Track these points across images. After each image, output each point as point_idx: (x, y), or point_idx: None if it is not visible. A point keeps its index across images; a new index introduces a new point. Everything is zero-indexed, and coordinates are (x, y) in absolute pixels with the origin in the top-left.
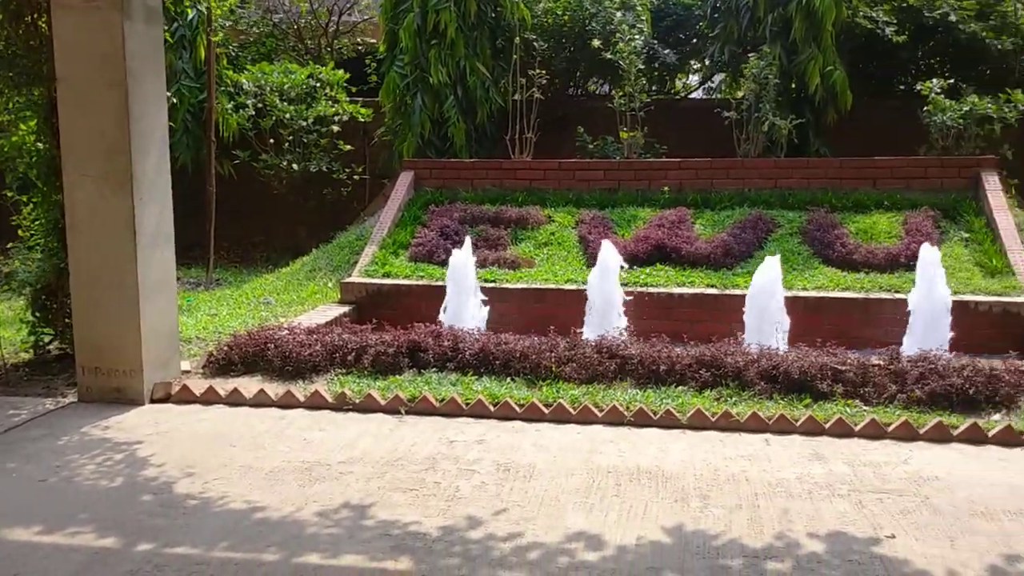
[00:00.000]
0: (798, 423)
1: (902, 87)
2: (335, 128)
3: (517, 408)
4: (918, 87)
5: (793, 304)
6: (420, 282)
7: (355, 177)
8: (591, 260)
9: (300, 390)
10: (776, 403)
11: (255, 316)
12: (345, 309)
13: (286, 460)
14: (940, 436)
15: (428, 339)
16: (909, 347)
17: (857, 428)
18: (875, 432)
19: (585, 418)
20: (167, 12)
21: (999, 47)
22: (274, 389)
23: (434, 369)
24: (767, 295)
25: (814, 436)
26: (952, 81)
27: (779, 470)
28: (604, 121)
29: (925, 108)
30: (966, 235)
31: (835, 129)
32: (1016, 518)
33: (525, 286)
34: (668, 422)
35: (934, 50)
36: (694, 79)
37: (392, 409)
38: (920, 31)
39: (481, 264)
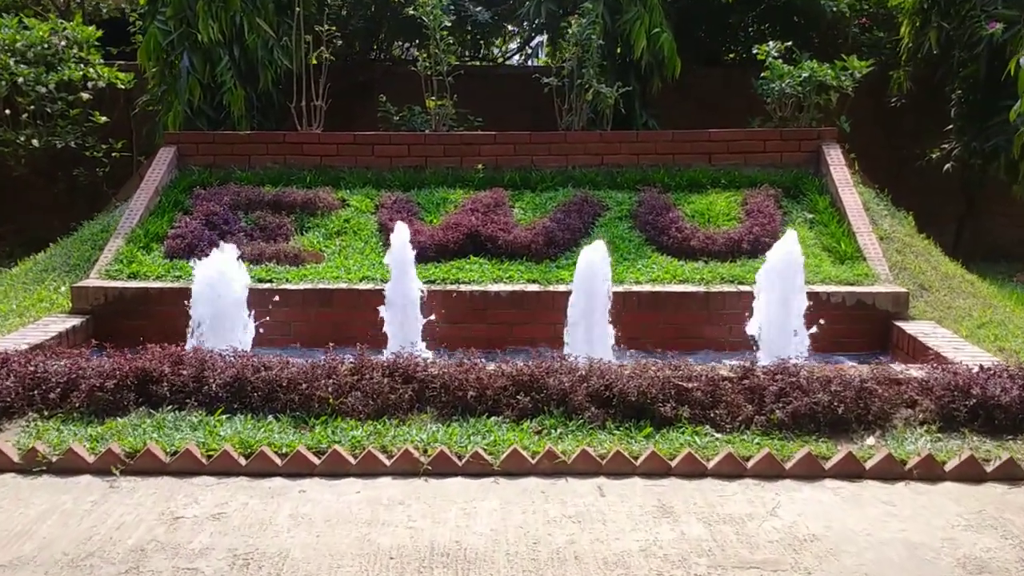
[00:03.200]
0: (638, 462)
1: (731, 55)
2: (86, 96)
3: (277, 460)
4: (754, 50)
5: (625, 301)
6: (176, 284)
7: (114, 155)
8: None
9: None
10: (611, 434)
11: None
12: (76, 321)
13: None
14: (810, 472)
15: (164, 366)
16: (763, 354)
17: (711, 465)
18: (732, 469)
19: (369, 469)
20: None
21: (834, 9)
22: None
23: (172, 407)
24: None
25: (659, 478)
26: (789, 45)
27: (617, 537)
28: (413, 90)
29: (762, 75)
30: (810, 215)
31: (662, 99)
32: None
33: (309, 286)
34: (477, 468)
35: (765, 14)
36: (515, 47)
37: (104, 469)
38: None
39: (256, 260)
